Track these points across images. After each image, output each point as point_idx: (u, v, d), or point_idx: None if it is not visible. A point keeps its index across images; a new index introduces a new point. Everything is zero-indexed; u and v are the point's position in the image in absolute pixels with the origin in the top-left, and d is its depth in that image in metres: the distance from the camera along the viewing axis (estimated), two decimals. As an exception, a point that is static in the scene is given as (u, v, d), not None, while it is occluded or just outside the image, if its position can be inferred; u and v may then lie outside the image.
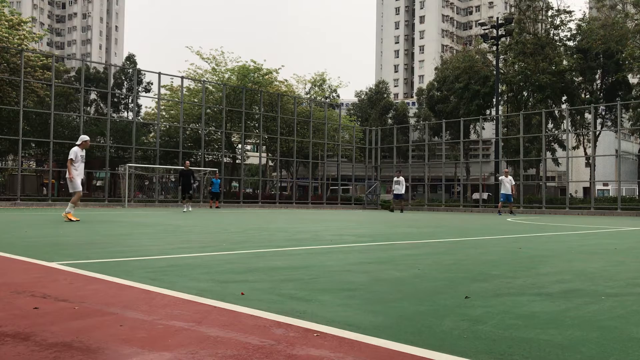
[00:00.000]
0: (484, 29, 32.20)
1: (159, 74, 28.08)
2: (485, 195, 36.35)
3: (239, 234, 7.56)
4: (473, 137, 45.33)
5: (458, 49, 76.87)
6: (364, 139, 40.89)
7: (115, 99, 44.83)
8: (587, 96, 36.15)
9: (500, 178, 22.23)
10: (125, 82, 45.87)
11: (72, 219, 10.41)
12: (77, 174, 10.94)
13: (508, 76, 36.60)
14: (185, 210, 18.65)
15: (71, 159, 10.88)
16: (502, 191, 21.46)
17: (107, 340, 1.89)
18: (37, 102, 31.59)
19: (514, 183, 21.91)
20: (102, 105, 44.85)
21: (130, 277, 3.29)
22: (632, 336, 2.05)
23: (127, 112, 46.57)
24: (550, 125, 38.10)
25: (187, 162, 19.55)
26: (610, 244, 6.71)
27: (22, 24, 30.65)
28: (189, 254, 4.83)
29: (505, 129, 41.09)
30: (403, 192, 23.89)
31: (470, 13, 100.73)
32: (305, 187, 39.44)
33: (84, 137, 11.30)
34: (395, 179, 24.08)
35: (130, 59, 46.51)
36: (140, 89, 43.94)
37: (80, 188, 11.03)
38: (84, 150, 11.18)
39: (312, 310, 2.41)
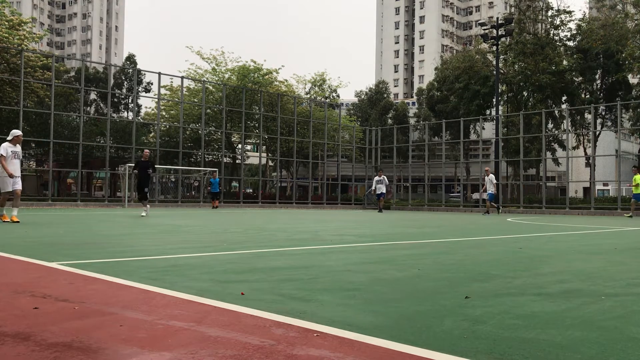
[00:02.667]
0: (484, 29, 32.19)
1: (159, 74, 28.08)
2: (485, 195, 36.34)
3: (239, 234, 7.56)
4: (473, 137, 45.32)
5: (458, 49, 76.87)
6: (364, 139, 40.89)
7: (115, 99, 44.84)
8: (587, 96, 36.13)
9: (485, 178, 22.21)
10: (125, 82, 45.89)
11: (5, 219, 9.60)
12: (8, 173, 9.76)
13: (508, 76, 36.59)
14: (144, 214, 14.02)
15: (1, 155, 9.73)
16: (489, 190, 21.75)
17: (107, 340, 1.89)
18: (37, 102, 31.60)
19: (495, 182, 21.94)
20: (102, 105, 44.86)
21: (130, 277, 3.29)
22: (632, 336, 2.05)
23: (127, 112, 46.58)
24: (550, 125, 38.08)
25: (147, 150, 15.33)
26: (610, 244, 6.71)
27: (23, 24, 30.66)
28: (189, 254, 4.83)
29: (505, 129, 41.06)
30: (384, 190, 23.60)
31: (470, 13, 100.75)
32: (305, 187, 39.45)
33: (15, 132, 10.11)
34: (377, 178, 23.74)
35: (130, 59, 46.52)
36: (140, 89, 43.94)
37: (7, 189, 9.82)
38: (17, 145, 10.03)
39: (312, 310, 2.41)
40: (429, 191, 34.69)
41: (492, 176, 21.84)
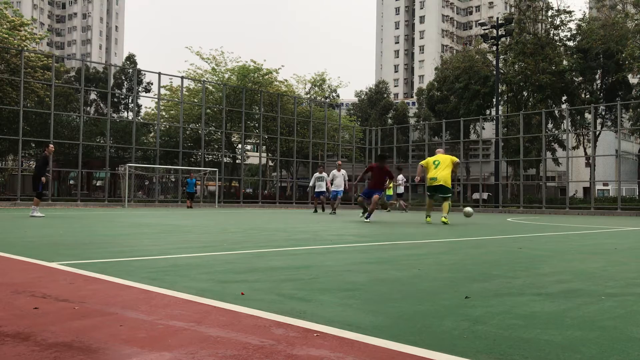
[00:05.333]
0: (484, 29, 32.20)
1: (159, 74, 28.09)
2: (485, 195, 36.35)
3: (239, 234, 7.56)
4: (473, 137, 45.33)
5: (458, 49, 76.87)
6: (364, 139, 40.88)
7: (115, 99, 44.85)
8: (587, 96, 36.15)
9: (332, 172, 19.01)
10: (125, 82, 45.92)
11: None
12: None
13: (508, 76, 36.60)
14: (37, 214, 12.26)
15: None
16: (332, 187, 18.75)
17: (107, 340, 1.88)
18: (37, 102, 31.61)
19: (347, 179, 19.13)
20: (102, 105, 44.90)
21: (130, 277, 3.29)
22: (632, 336, 2.05)
23: (127, 112, 46.60)
24: (550, 125, 38.09)
25: (51, 145, 13.45)
26: (610, 244, 6.70)
27: (24, 25, 30.68)
28: (189, 254, 4.83)
29: (505, 129, 41.08)
30: (324, 189, 19.77)
31: (470, 13, 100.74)
32: (305, 187, 39.46)
33: None
34: (317, 174, 20.12)
35: (131, 59, 46.55)
36: (140, 89, 43.96)
37: None
38: None
39: (312, 310, 2.41)
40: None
41: (344, 172, 18.81)
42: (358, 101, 59.62)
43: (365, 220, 12.35)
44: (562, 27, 36.16)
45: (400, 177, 23.13)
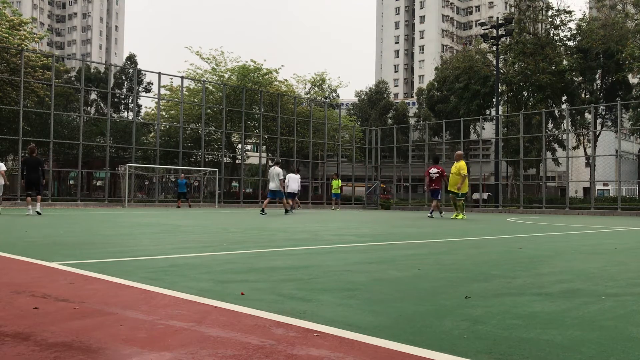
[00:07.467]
0: (484, 29, 32.19)
1: (159, 74, 28.08)
2: (485, 195, 36.34)
3: (239, 234, 7.56)
4: (473, 137, 45.31)
5: (458, 49, 76.90)
6: (364, 139, 40.88)
7: (116, 99, 44.84)
8: (587, 96, 36.14)
9: (271, 171, 16.96)
10: (126, 82, 45.91)
11: None
12: None
13: (508, 76, 36.59)
14: (30, 212, 13.12)
15: None
16: (283, 187, 17.32)
17: (107, 340, 1.89)
18: (37, 102, 31.60)
19: (282, 177, 17.07)
20: (102, 105, 44.89)
21: (130, 277, 3.29)
22: (632, 336, 2.05)
23: (127, 112, 46.59)
24: (550, 125, 38.09)
25: (33, 145, 13.64)
26: (610, 244, 6.71)
27: (23, 24, 30.67)
28: (189, 254, 4.83)
29: (505, 129, 41.07)
30: (277, 188, 16.90)
31: (470, 13, 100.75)
32: (305, 187, 39.44)
33: None
34: (291, 174, 18.06)
35: (131, 59, 46.52)
36: (140, 89, 43.94)
37: None
38: None
39: (312, 310, 2.41)
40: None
41: (277, 169, 16.82)
42: (358, 101, 59.61)
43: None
44: (562, 27, 36.15)
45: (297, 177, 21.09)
